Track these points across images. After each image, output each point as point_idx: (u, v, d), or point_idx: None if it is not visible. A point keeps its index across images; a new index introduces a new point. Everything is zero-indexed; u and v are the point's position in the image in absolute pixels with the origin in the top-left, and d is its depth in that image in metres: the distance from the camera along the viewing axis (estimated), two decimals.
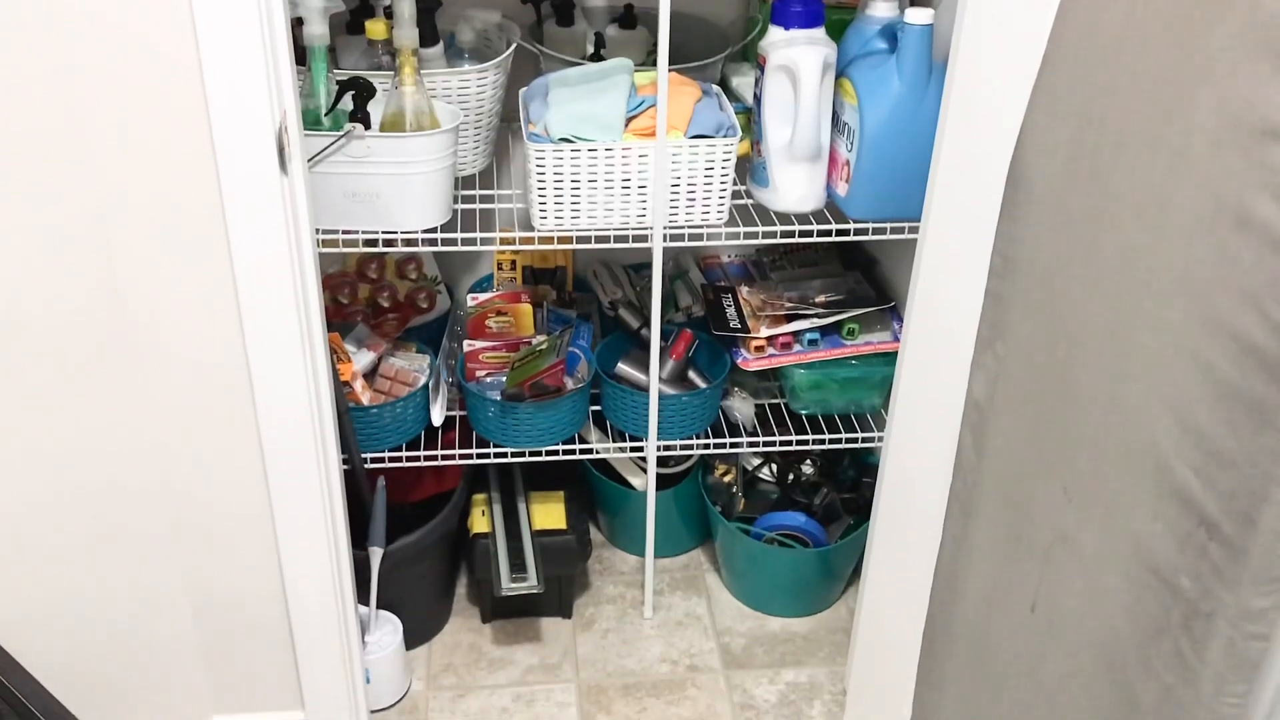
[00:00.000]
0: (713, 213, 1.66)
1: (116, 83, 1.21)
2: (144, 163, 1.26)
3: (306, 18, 1.53)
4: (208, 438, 1.45)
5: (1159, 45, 0.83)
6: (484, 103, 1.71)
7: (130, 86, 1.22)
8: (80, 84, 1.21)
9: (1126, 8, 0.85)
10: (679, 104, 1.61)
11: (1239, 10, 0.75)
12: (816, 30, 1.61)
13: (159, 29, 1.19)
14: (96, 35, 1.19)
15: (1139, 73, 0.85)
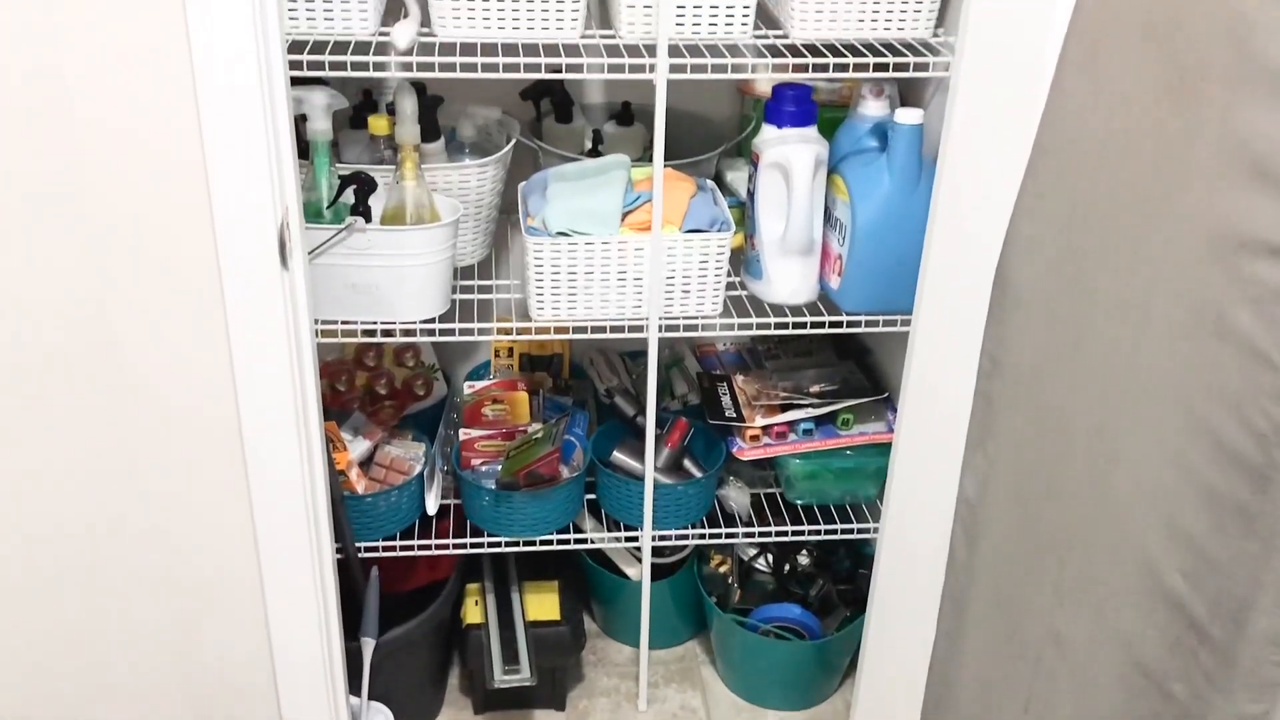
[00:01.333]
0: (707, 304, 1.68)
1: (121, 179, 1.24)
2: (146, 257, 1.28)
3: (310, 114, 1.57)
4: (201, 527, 1.45)
5: (1139, 157, 0.86)
6: (484, 196, 1.74)
7: (135, 183, 1.24)
8: (86, 179, 1.24)
9: (1107, 120, 0.88)
10: (674, 199, 1.64)
11: (1213, 127, 0.78)
12: (809, 129, 1.65)
13: (165, 128, 1.22)
14: (104, 135, 1.22)
15: (1120, 183, 0.87)
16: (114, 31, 1.18)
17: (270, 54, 1.23)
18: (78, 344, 1.31)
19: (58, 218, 1.25)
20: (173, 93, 1.21)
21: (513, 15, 1.51)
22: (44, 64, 1.18)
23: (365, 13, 1.49)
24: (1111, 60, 0.86)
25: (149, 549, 1.46)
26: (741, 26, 1.55)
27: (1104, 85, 0.88)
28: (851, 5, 1.54)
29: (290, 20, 1.48)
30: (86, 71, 1.19)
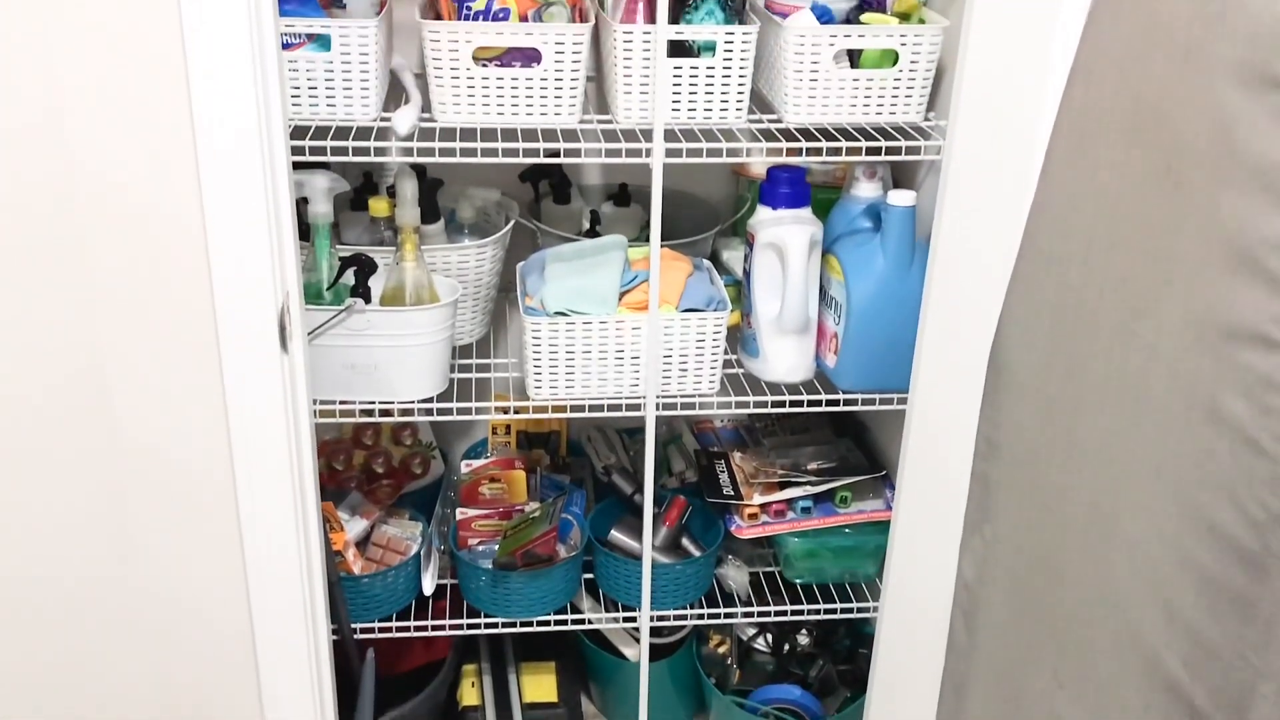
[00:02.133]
0: (704, 383, 1.69)
1: (124, 260, 1.25)
2: (147, 339, 1.29)
3: (311, 198, 1.59)
4: (196, 610, 1.44)
5: (1127, 246, 0.87)
6: (482, 276, 1.76)
7: (137, 265, 1.26)
8: (90, 260, 1.25)
9: (1095, 209, 0.90)
10: (671, 279, 1.66)
11: (1199, 218, 0.79)
12: (803, 210, 1.67)
13: (168, 212, 1.24)
14: (107, 217, 1.23)
15: (1109, 271, 0.89)
16: (120, 115, 1.20)
17: (273, 140, 1.26)
18: (77, 426, 1.32)
19: (60, 299, 1.26)
20: (177, 178, 1.23)
21: (512, 101, 1.54)
22: (51, 145, 1.20)
23: (367, 99, 1.52)
24: (1099, 152, 0.88)
25: (142, 631, 1.44)
26: (736, 112, 1.58)
27: (1092, 176, 0.90)
28: (844, 91, 1.57)
29: (293, 106, 1.51)
30: (92, 152, 1.21)
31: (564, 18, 1.54)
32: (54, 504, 1.34)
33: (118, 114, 1.20)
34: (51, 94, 1.19)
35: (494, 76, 1.52)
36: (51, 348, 1.27)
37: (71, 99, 1.19)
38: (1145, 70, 0.83)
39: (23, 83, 1.17)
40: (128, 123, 1.21)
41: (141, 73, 1.20)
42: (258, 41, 1.21)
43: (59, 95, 1.19)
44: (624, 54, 1.53)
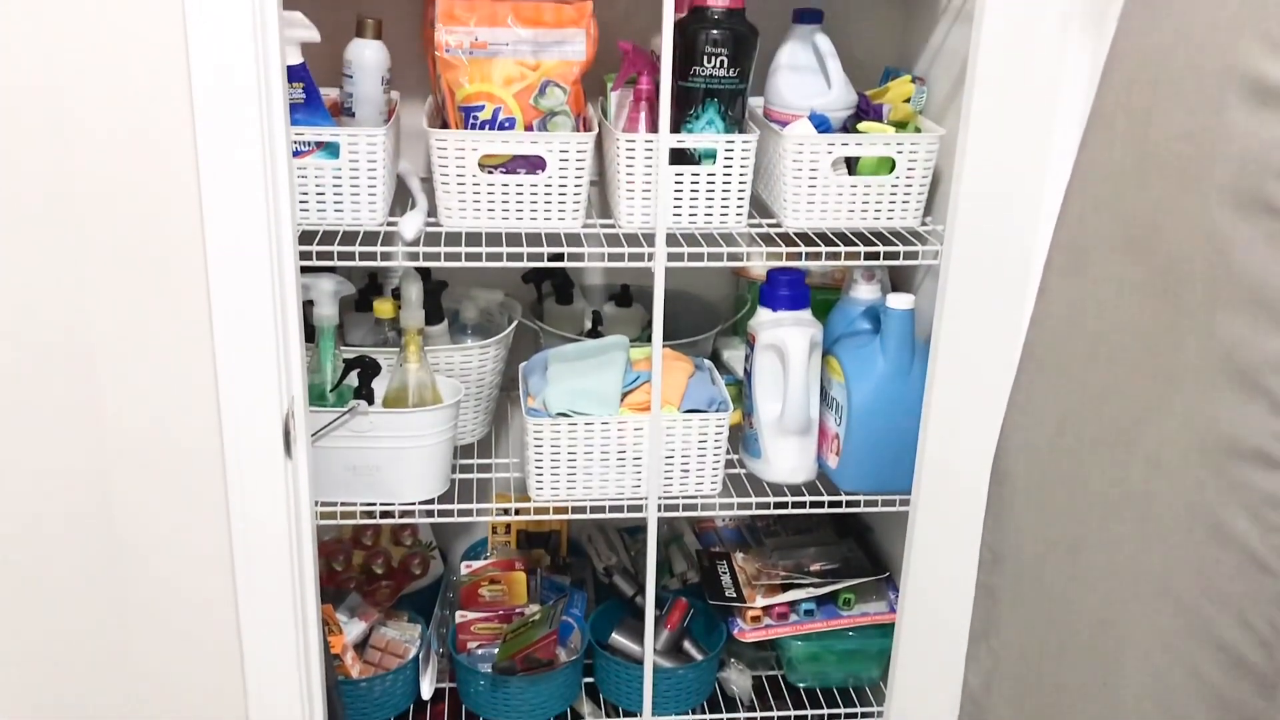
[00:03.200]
0: (706, 484, 1.69)
1: (129, 364, 1.26)
2: (151, 440, 1.29)
3: (317, 300, 1.61)
4: (194, 714, 1.42)
5: (1126, 361, 0.88)
6: (485, 376, 1.77)
7: (145, 374, 1.27)
8: (99, 369, 1.26)
9: (1094, 324, 0.91)
10: (673, 379, 1.67)
11: (1197, 335, 0.81)
12: (803, 312, 1.69)
13: (176, 318, 1.25)
14: (120, 332, 1.25)
15: (1109, 385, 0.90)
16: (132, 224, 1.22)
17: (282, 247, 1.28)
18: (77, 523, 1.31)
19: (64, 403, 1.26)
20: (186, 286, 1.25)
21: (516, 206, 1.56)
22: (59, 276, 1.22)
23: (374, 204, 1.55)
24: (1096, 267, 0.90)
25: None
26: (736, 216, 1.61)
27: (1089, 291, 0.91)
28: (842, 197, 1.60)
29: (301, 211, 1.53)
30: (103, 265, 1.23)
31: (568, 126, 1.58)
32: (55, 617, 1.33)
33: (129, 223, 1.22)
34: (62, 216, 1.21)
35: (499, 182, 1.55)
36: (56, 467, 1.27)
37: (82, 213, 1.21)
38: (1140, 189, 0.85)
39: (34, 216, 1.19)
40: (139, 231, 1.23)
41: (155, 184, 1.22)
42: (269, 152, 1.24)
43: (69, 217, 1.21)
44: (626, 161, 1.56)
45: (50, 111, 1.18)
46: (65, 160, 1.20)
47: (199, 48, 1.18)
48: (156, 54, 1.19)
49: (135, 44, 1.18)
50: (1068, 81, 1.37)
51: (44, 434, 1.26)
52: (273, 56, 1.24)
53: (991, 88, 1.43)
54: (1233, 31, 0.76)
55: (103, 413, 1.28)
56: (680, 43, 1.53)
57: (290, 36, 1.46)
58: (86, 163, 1.20)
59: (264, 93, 1.22)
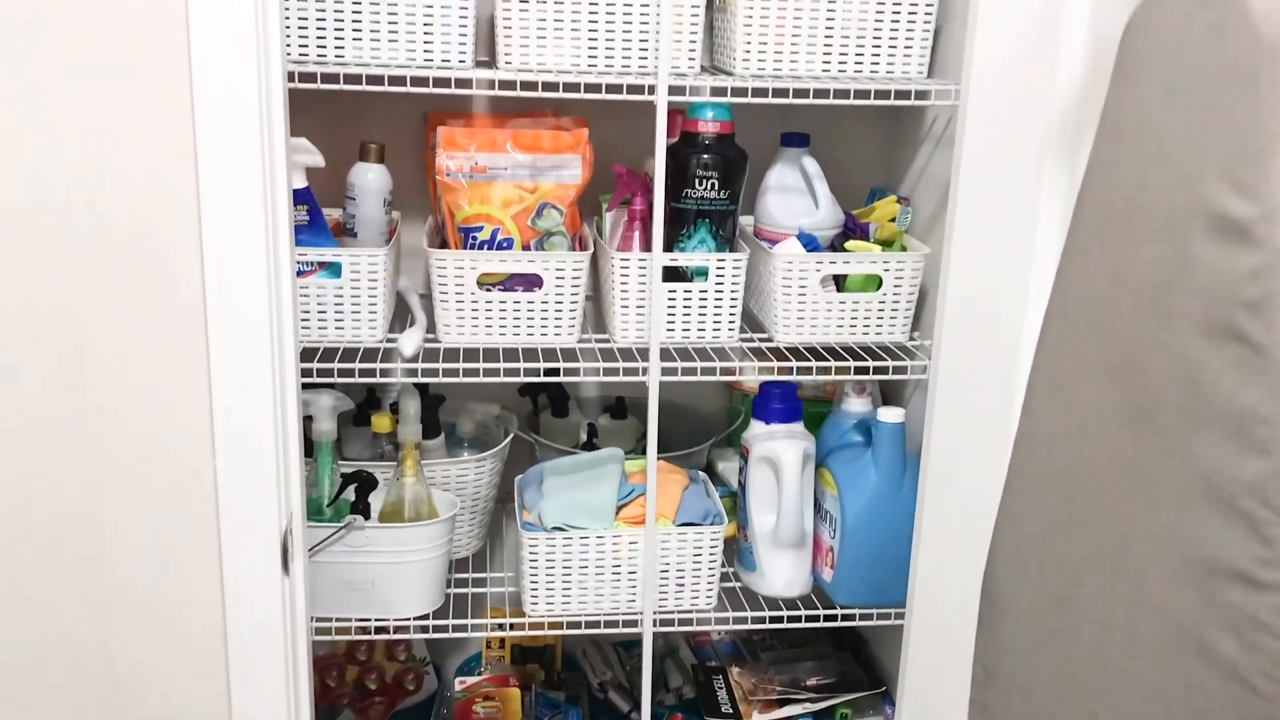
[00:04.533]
0: (701, 598, 1.69)
1: (131, 489, 1.28)
2: (150, 561, 1.30)
3: (316, 415, 1.63)
4: None
5: (1108, 482, 0.90)
6: (481, 489, 1.78)
7: (145, 489, 1.28)
8: (99, 481, 1.27)
9: (1076, 446, 0.94)
10: (668, 492, 1.69)
11: (1175, 458, 0.83)
12: (796, 424, 1.71)
13: (180, 439, 1.27)
14: (123, 447, 1.26)
15: (1092, 505, 0.92)
16: (138, 345, 1.25)
17: (284, 367, 1.30)
18: (73, 643, 1.31)
19: (63, 532, 1.27)
20: (189, 403, 1.27)
21: (514, 323, 1.60)
22: (66, 390, 1.24)
23: (374, 322, 1.58)
24: (1076, 391, 0.93)
25: None
26: (729, 331, 1.65)
27: (1070, 413, 0.94)
28: (831, 313, 1.64)
29: (303, 328, 1.57)
30: (108, 386, 1.25)
31: (564, 246, 1.62)
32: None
33: (136, 349, 1.25)
34: (71, 336, 1.24)
35: (497, 300, 1.59)
36: (54, 601, 1.28)
37: (91, 336, 1.24)
38: (1114, 316, 0.88)
39: (45, 341, 1.22)
40: (145, 350, 1.26)
41: (162, 304, 1.25)
42: (274, 273, 1.28)
43: (78, 334, 1.24)
44: (621, 278, 1.60)
45: (60, 249, 1.22)
46: (68, 295, 1.23)
47: (209, 173, 1.22)
48: (167, 175, 1.23)
49: (146, 163, 1.22)
50: (1045, 204, 1.42)
51: (40, 579, 1.27)
52: (279, 181, 1.28)
53: (973, 209, 1.48)
54: (1197, 171, 0.80)
55: (103, 530, 1.29)
56: (672, 166, 1.59)
57: (296, 161, 1.52)
58: (90, 294, 1.24)
59: (270, 216, 1.26)
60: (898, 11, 1.56)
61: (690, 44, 1.55)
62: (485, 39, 1.69)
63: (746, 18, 1.55)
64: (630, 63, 1.54)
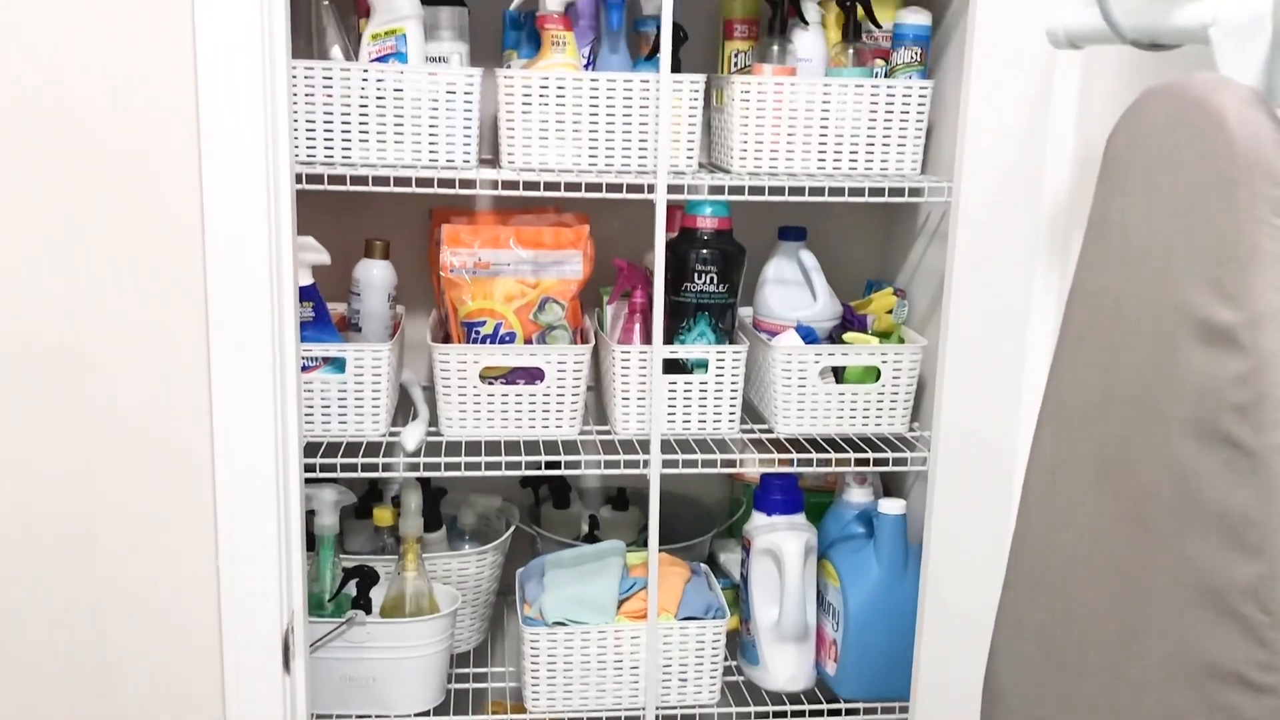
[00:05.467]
0: (704, 692, 1.67)
1: (137, 593, 1.28)
2: (150, 659, 1.30)
3: (319, 510, 1.64)
4: None
5: (1104, 583, 0.91)
6: (482, 582, 1.78)
7: (146, 589, 1.29)
8: (99, 596, 1.28)
9: (1071, 546, 0.94)
10: (669, 585, 1.68)
11: (1170, 560, 0.84)
12: (797, 516, 1.72)
13: (180, 537, 1.28)
14: (123, 550, 1.27)
15: (1089, 605, 0.92)
16: (143, 447, 1.27)
17: (288, 464, 1.32)
18: None
19: (64, 619, 1.27)
20: (193, 499, 1.28)
21: (515, 416, 1.61)
22: (76, 556, 1.26)
23: (378, 417, 1.60)
24: (1071, 491, 0.94)
25: None
26: (729, 423, 1.66)
27: (1066, 514, 0.95)
28: (830, 404, 1.65)
29: (306, 423, 1.58)
30: (113, 497, 1.26)
31: (566, 339, 1.64)
32: None
33: (139, 443, 1.27)
34: (79, 475, 1.25)
35: (499, 393, 1.60)
36: (56, 654, 1.28)
37: (99, 456, 1.26)
38: (1106, 418, 0.90)
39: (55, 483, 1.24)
40: (149, 450, 1.27)
41: (169, 399, 1.27)
42: (279, 370, 1.30)
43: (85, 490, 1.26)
44: (622, 371, 1.62)
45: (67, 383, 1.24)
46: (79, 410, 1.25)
47: (217, 274, 1.25)
48: (176, 274, 1.25)
49: (156, 261, 1.25)
50: (1038, 299, 1.44)
51: (41, 674, 1.27)
52: (286, 281, 1.31)
53: (967, 303, 1.50)
54: (1182, 277, 0.82)
55: (105, 632, 1.29)
56: (672, 260, 1.62)
57: (303, 260, 1.55)
58: (100, 412, 1.25)
59: (276, 314, 1.29)
60: (890, 110, 1.60)
61: (689, 142, 1.59)
62: (489, 136, 1.73)
63: (743, 117, 1.59)
64: (630, 161, 1.58)
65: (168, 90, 1.21)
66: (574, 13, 1.60)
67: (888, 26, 1.68)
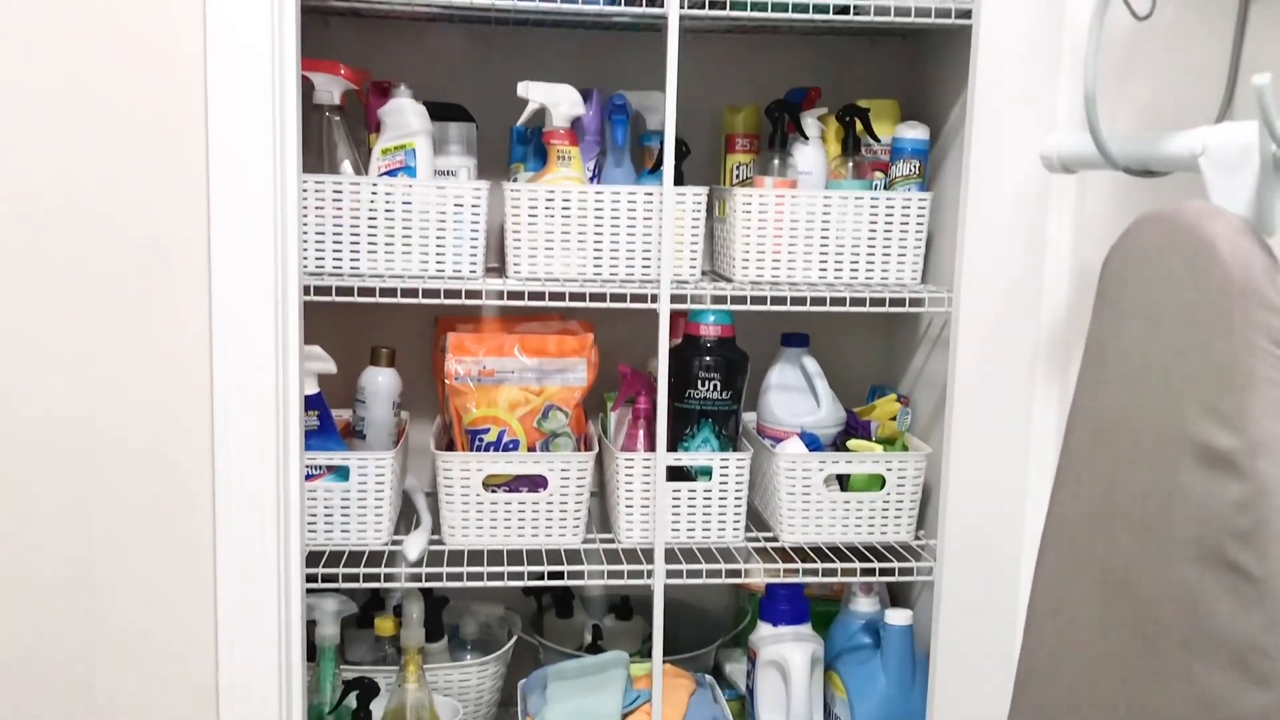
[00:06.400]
0: None
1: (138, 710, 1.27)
2: None
3: (320, 620, 1.62)
4: None
5: (1112, 707, 0.90)
6: (484, 693, 1.75)
7: (148, 707, 1.27)
8: (99, 691, 1.26)
9: (1078, 668, 0.93)
10: (674, 698, 1.65)
11: (1176, 684, 0.83)
12: (803, 626, 1.70)
13: (186, 663, 1.27)
14: (123, 663, 1.26)
15: (1099, 695, 0.91)
16: (143, 552, 1.27)
17: (290, 574, 1.31)
18: None
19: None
20: (194, 615, 1.28)
21: (519, 524, 1.61)
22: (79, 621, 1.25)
23: (380, 525, 1.59)
24: (1076, 613, 0.93)
25: None
26: (734, 531, 1.65)
27: (1072, 635, 0.94)
28: (835, 512, 1.65)
29: (309, 531, 1.58)
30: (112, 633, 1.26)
31: (570, 447, 1.65)
32: None
33: (142, 553, 1.27)
34: (83, 550, 1.25)
35: (502, 501, 1.60)
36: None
37: (102, 546, 1.26)
38: (1110, 540, 0.89)
39: None
40: (149, 558, 1.27)
41: (170, 516, 1.27)
42: (283, 481, 1.30)
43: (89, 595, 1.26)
44: (625, 479, 1.62)
45: (74, 458, 1.25)
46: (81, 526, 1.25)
47: (224, 388, 1.26)
48: (185, 387, 1.27)
49: (166, 377, 1.26)
50: (1039, 408, 1.45)
51: None
52: (293, 392, 1.32)
53: (970, 412, 1.50)
54: (1180, 401, 0.83)
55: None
56: (675, 367, 1.63)
57: (309, 369, 1.56)
58: (104, 504, 1.26)
59: (281, 424, 1.30)
60: (890, 221, 1.63)
61: (692, 252, 1.62)
62: (495, 244, 1.76)
63: (745, 228, 1.61)
64: (634, 271, 1.60)
65: (182, 208, 1.24)
66: (579, 128, 1.64)
67: (886, 140, 1.71)
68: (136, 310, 1.24)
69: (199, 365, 1.26)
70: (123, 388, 1.25)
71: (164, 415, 1.26)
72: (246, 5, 1.21)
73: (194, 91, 1.22)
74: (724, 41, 1.83)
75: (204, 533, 1.28)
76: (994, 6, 1.38)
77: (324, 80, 1.58)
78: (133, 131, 1.22)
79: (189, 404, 1.27)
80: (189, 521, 1.28)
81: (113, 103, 1.21)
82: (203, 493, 1.28)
